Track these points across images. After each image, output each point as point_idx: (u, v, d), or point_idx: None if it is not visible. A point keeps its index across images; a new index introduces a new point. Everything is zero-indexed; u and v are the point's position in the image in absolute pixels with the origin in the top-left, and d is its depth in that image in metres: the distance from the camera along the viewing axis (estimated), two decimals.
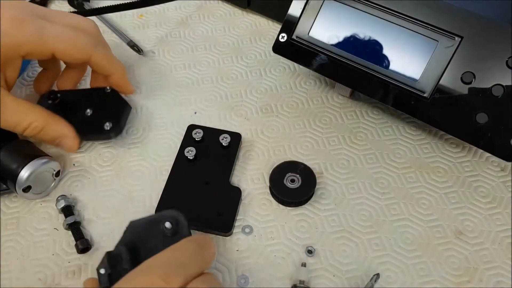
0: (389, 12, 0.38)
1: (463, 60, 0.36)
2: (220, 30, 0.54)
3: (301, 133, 0.44)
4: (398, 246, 0.36)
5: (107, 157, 0.42)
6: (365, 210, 0.38)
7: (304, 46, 0.42)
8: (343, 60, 0.40)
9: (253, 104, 0.46)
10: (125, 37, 0.52)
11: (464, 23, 0.35)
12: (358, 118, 0.45)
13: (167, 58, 0.51)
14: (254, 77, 0.49)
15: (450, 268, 0.35)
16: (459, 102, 0.36)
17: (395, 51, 0.38)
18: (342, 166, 0.41)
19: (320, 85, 0.48)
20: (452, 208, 0.38)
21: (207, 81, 0.48)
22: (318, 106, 0.46)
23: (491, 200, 0.39)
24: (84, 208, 0.38)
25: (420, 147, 0.42)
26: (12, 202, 0.39)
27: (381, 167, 0.41)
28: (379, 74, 0.39)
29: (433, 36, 0.37)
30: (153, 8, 0.56)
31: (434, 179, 0.40)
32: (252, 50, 0.52)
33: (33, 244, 0.36)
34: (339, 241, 0.36)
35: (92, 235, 0.37)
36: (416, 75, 0.37)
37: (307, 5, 0.41)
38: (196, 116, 0.45)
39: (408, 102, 0.38)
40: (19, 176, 0.36)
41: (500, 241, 0.36)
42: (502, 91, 0.35)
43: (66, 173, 0.40)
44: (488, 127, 0.35)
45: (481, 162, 0.41)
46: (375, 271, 0.35)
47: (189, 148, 0.40)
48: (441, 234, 0.37)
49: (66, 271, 0.35)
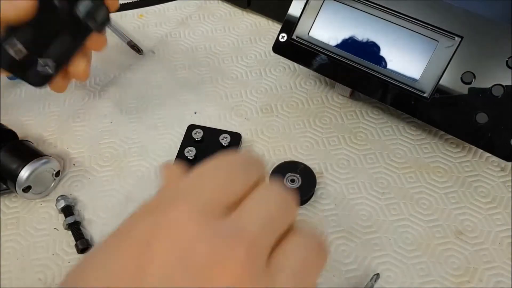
0: (389, 12, 0.38)
1: (463, 60, 0.36)
2: (220, 30, 0.54)
3: (301, 133, 0.44)
4: (398, 246, 0.36)
5: (107, 157, 0.42)
6: (365, 210, 0.38)
7: (304, 46, 0.42)
8: (343, 60, 0.40)
9: (253, 104, 0.46)
10: (125, 37, 0.52)
11: (464, 23, 0.35)
12: (358, 118, 0.45)
13: (167, 58, 0.51)
14: (254, 77, 0.49)
15: (450, 268, 0.35)
16: (459, 102, 0.36)
17: (395, 51, 0.38)
18: (342, 166, 0.41)
19: (320, 85, 0.48)
20: (452, 208, 0.38)
21: (207, 81, 0.48)
22: (318, 106, 0.46)
23: (491, 200, 0.39)
24: (84, 208, 0.38)
25: (420, 147, 0.42)
26: (12, 202, 0.39)
27: (381, 167, 0.41)
28: (379, 74, 0.39)
29: (433, 36, 0.37)
30: (153, 8, 0.56)
31: (434, 179, 0.40)
32: (252, 50, 0.52)
33: (33, 244, 0.36)
34: (339, 241, 0.36)
35: (92, 235, 0.37)
36: (416, 75, 0.37)
37: (307, 5, 0.41)
38: (196, 116, 0.45)
39: (408, 102, 0.38)
40: (19, 176, 0.36)
41: (500, 241, 0.36)
42: (502, 91, 0.34)
43: (66, 173, 0.40)
44: (488, 127, 0.35)
45: (481, 162, 0.41)
46: (375, 271, 0.35)
47: (189, 148, 0.40)
48: (441, 234, 0.37)
49: (66, 271, 0.35)
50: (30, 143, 0.39)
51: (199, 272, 0.17)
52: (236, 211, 0.20)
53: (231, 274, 0.17)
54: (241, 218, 0.19)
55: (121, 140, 0.43)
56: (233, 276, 0.17)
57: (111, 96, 0.47)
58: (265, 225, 0.19)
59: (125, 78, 0.49)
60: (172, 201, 0.19)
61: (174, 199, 0.20)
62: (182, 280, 0.17)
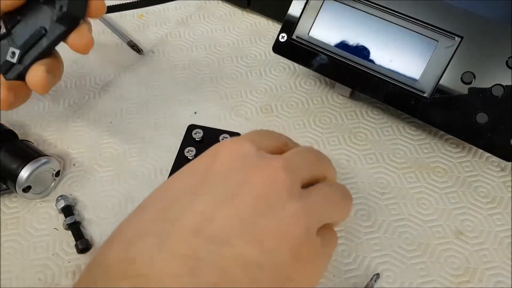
0: (389, 12, 0.38)
1: (463, 60, 0.36)
2: (220, 30, 0.54)
3: (301, 133, 0.44)
4: (398, 246, 0.36)
5: (107, 157, 0.42)
6: (365, 210, 0.38)
7: (304, 46, 0.42)
8: (343, 60, 0.40)
9: (253, 104, 0.46)
10: (125, 37, 0.52)
11: (464, 23, 0.35)
12: (358, 118, 0.45)
13: (167, 58, 0.51)
14: (254, 77, 0.49)
15: (450, 268, 0.35)
16: (459, 102, 0.36)
17: (395, 51, 0.38)
18: (342, 166, 0.41)
19: (320, 85, 0.48)
20: (452, 208, 0.38)
21: (207, 81, 0.48)
22: (318, 106, 0.46)
23: (491, 200, 0.39)
24: (84, 208, 0.38)
25: (420, 147, 0.42)
26: (12, 202, 0.39)
27: (381, 167, 0.41)
28: (379, 74, 0.39)
29: (433, 36, 0.37)
30: (153, 8, 0.56)
31: (434, 179, 0.40)
32: (252, 50, 0.52)
33: (33, 244, 0.36)
34: (339, 241, 0.36)
35: (92, 235, 0.37)
36: (416, 75, 0.37)
37: (307, 5, 0.41)
38: (196, 116, 0.45)
39: (408, 102, 0.38)
40: (19, 176, 0.36)
41: (500, 241, 0.36)
42: (502, 91, 0.35)
43: (66, 173, 0.40)
44: (488, 127, 0.35)
45: (481, 162, 0.41)
46: (375, 271, 0.35)
47: (189, 148, 0.40)
48: (441, 234, 0.37)
49: (66, 271, 0.35)
50: (30, 143, 0.39)
51: (249, 169, 0.24)
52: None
53: (269, 173, 0.24)
54: (282, 155, 0.26)
55: (121, 140, 0.43)
56: (271, 174, 0.24)
57: (111, 96, 0.47)
58: (300, 160, 0.26)
59: (125, 78, 0.49)
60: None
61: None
62: (237, 170, 0.24)
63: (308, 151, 0.28)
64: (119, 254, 0.22)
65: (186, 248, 0.22)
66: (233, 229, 0.22)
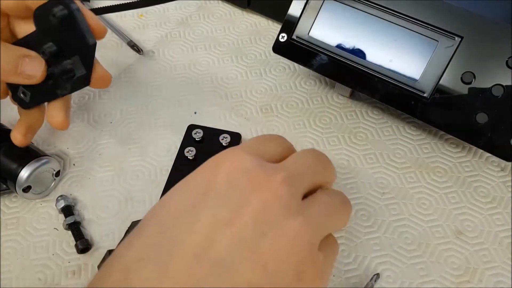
0: (389, 12, 0.38)
1: (463, 60, 0.36)
2: (220, 30, 0.54)
3: (301, 133, 0.44)
4: (398, 246, 0.36)
5: (107, 157, 0.42)
6: (365, 210, 0.38)
7: (304, 46, 0.42)
8: (343, 60, 0.40)
9: (253, 104, 0.46)
10: (125, 37, 0.52)
11: (464, 23, 0.35)
12: (358, 118, 0.45)
13: (167, 58, 0.51)
14: (254, 77, 0.49)
15: (450, 268, 0.35)
16: (459, 102, 0.36)
17: (395, 51, 0.38)
18: (342, 166, 0.41)
19: (320, 85, 0.48)
20: (452, 208, 0.38)
21: (207, 81, 0.48)
22: (318, 106, 0.46)
23: (491, 200, 0.39)
24: (84, 208, 0.38)
25: (420, 147, 0.42)
26: (12, 202, 0.39)
27: (381, 167, 0.41)
28: (379, 74, 0.39)
29: (433, 36, 0.37)
30: (153, 8, 0.56)
31: (434, 179, 0.40)
32: (252, 50, 0.52)
33: (33, 244, 0.36)
34: (339, 241, 0.36)
35: (92, 235, 0.37)
36: (416, 75, 0.37)
37: (307, 5, 0.41)
38: (196, 116, 0.45)
39: (408, 102, 0.38)
40: (19, 176, 0.36)
41: (500, 241, 0.36)
42: (502, 91, 0.35)
43: (66, 173, 0.40)
44: (488, 127, 0.35)
45: (481, 162, 0.41)
46: (375, 271, 0.35)
47: (189, 148, 0.40)
48: (441, 234, 0.37)
49: (66, 271, 0.35)
50: (30, 143, 0.39)
51: (248, 186, 0.24)
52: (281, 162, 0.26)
53: (269, 191, 0.23)
54: (284, 162, 0.26)
55: (121, 140, 0.43)
56: (271, 192, 0.23)
57: (111, 96, 0.47)
58: (302, 169, 0.26)
59: (125, 78, 0.49)
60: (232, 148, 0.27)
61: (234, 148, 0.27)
62: (237, 189, 0.24)
63: (311, 156, 0.28)
64: (118, 283, 0.21)
65: (188, 277, 0.21)
66: (236, 251, 0.22)
